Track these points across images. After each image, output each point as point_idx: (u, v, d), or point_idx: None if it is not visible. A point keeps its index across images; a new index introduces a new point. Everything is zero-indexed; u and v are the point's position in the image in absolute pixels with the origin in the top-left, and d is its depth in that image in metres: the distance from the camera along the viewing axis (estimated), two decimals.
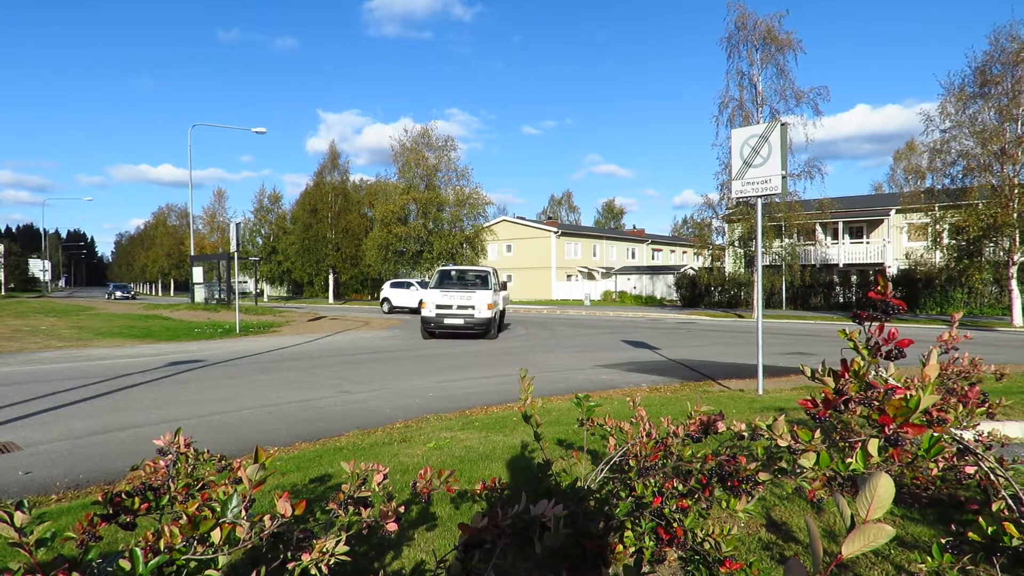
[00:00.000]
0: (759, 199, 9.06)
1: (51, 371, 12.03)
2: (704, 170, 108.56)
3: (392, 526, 1.78)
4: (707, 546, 2.10)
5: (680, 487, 2.22)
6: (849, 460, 1.74)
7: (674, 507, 2.20)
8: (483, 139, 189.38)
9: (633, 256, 65.61)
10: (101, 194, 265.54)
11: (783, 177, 8.60)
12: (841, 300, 36.03)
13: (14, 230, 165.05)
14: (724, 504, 2.14)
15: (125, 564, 1.26)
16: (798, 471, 1.97)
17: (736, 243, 32.32)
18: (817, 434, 1.90)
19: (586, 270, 57.53)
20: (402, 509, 1.85)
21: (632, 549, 2.16)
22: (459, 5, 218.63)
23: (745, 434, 2.38)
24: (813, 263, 38.47)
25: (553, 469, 2.65)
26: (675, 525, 2.16)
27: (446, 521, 3.69)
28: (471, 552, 1.51)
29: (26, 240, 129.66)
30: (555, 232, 56.33)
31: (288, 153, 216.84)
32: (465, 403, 8.61)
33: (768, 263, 32.56)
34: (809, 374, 1.96)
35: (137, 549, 1.27)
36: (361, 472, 1.89)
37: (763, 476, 2.03)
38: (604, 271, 57.22)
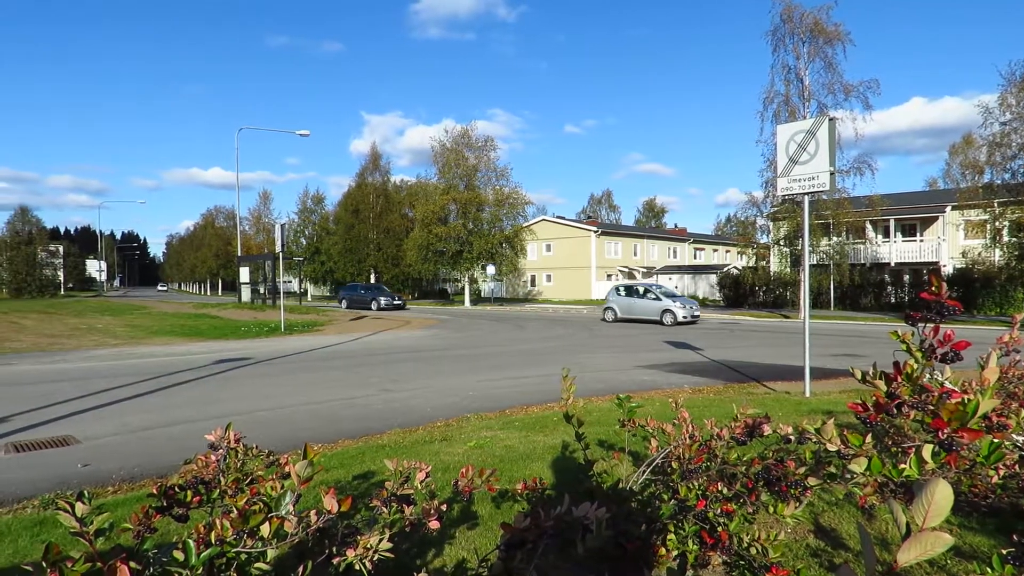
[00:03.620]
0: (806, 196, 8.84)
1: (107, 368, 12.51)
2: (748, 168, 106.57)
3: (435, 524, 1.80)
4: (753, 551, 2.06)
5: (725, 490, 2.18)
6: (902, 466, 1.69)
7: (718, 511, 2.16)
8: (525, 139, 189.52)
9: (675, 255, 64.75)
10: (154, 197, 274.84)
11: (831, 174, 8.37)
12: (892, 300, 34.84)
13: (72, 232, 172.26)
14: (771, 509, 2.09)
15: (179, 555, 1.30)
16: (848, 476, 1.91)
17: (782, 242, 31.58)
18: (868, 438, 1.84)
19: (627, 269, 57.02)
20: (444, 507, 1.86)
21: (675, 552, 2.13)
22: (503, 6, 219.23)
23: (792, 437, 2.32)
24: (863, 262, 37.31)
25: (594, 470, 2.63)
26: (719, 529, 2.13)
27: (487, 520, 3.71)
28: (513, 552, 1.52)
29: (84, 242, 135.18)
30: (595, 231, 55.98)
31: (332, 155, 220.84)
32: (505, 403, 8.63)
33: (815, 262, 31.73)
34: (860, 376, 1.90)
35: (190, 541, 1.31)
36: (404, 470, 1.91)
37: (812, 481, 1.98)
38: (645, 270, 56.62)
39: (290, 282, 60.34)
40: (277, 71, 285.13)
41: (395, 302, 37.40)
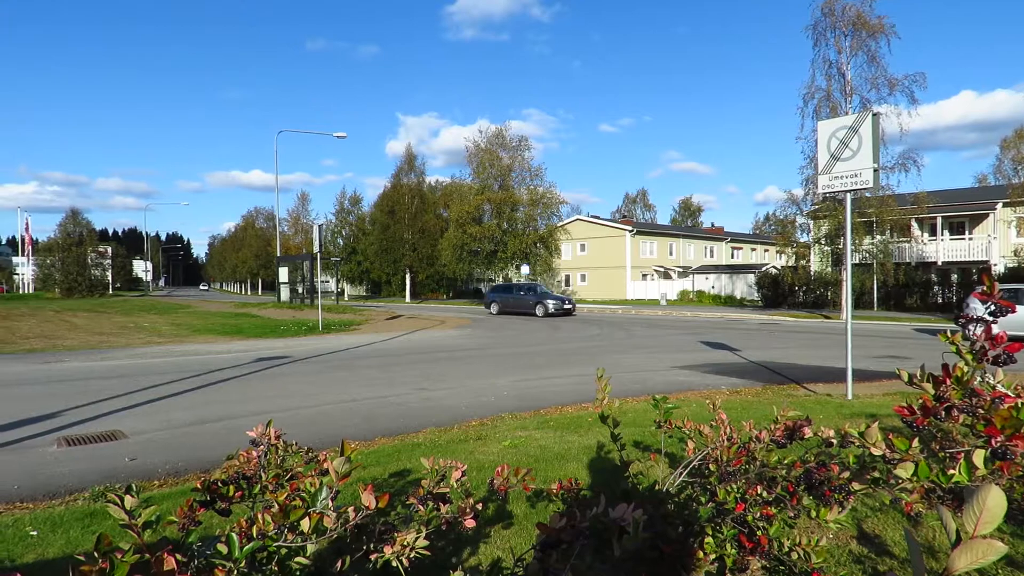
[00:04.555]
0: (848, 194, 8.62)
1: (152, 365, 12.89)
2: (788, 165, 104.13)
3: (470, 523, 1.80)
4: (794, 556, 2.02)
5: (764, 494, 2.14)
6: (951, 472, 1.63)
7: (758, 514, 2.12)
8: (560, 138, 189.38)
9: (711, 255, 63.84)
10: (197, 199, 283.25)
11: (875, 171, 8.15)
12: (940, 301, 33.72)
13: (120, 233, 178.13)
14: (813, 514, 2.05)
15: (222, 548, 1.33)
16: (893, 482, 1.86)
17: (822, 240, 30.85)
18: (915, 443, 1.79)
19: (662, 269, 56.43)
20: (479, 506, 1.87)
21: (712, 556, 2.10)
22: (537, 6, 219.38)
23: (834, 441, 2.26)
24: (908, 261, 36.20)
25: (630, 471, 2.61)
26: (759, 533, 2.09)
27: (522, 520, 3.71)
28: (549, 552, 1.51)
29: (130, 243, 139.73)
30: (630, 231, 55.54)
31: (369, 156, 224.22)
32: (539, 402, 8.62)
33: (858, 261, 30.92)
34: (906, 379, 1.85)
35: (234, 534, 1.34)
36: (440, 468, 1.92)
37: (856, 486, 1.92)
38: (681, 270, 55.95)
39: (327, 282, 61.31)
40: (316, 74, 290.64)
41: (565, 305, 30.41)
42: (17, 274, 76.29)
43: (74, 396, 9.15)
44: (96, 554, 1.13)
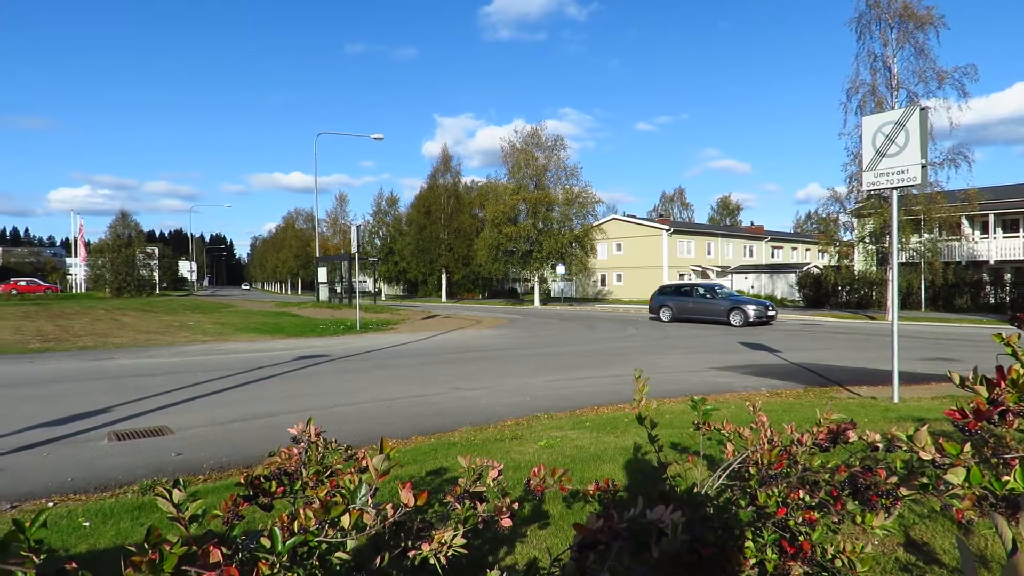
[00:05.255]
0: (895, 191, 8.38)
1: (197, 363, 13.25)
2: (830, 162, 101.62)
3: (507, 522, 1.81)
4: (838, 563, 1.97)
5: (807, 498, 2.09)
6: (1006, 478, 1.57)
7: (800, 519, 2.08)
8: (596, 137, 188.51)
9: (751, 254, 62.70)
10: (240, 200, 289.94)
11: (923, 167, 7.90)
12: (992, 301, 32.49)
13: (167, 235, 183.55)
14: (858, 520, 1.99)
15: (265, 542, 1.36)
16: (943, 488, 1.80)
17: (867, 239, 29.99)
18: (966, 448, 1.73)
19: (700, 269, 55.65)
20: (516, 506, 1.87)
21: (753, 561, 2.06)
22: (574, 4, 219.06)
23: (880, 445, 2.20)
24: (958, 260, 34.96)
25: (668, 473, 2.58)
26: (801, 538, 2.04)
27: (558, 520, 3.70)
28: (586, 552, 1.51)
29: (176, 244, 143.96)
30: (667, 230, 54.92)
31: (406, 157, 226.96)
32: (575, 403, 8.59)
33: (904, 260, 30.00)
34: (958, 381, 1.79)
35: (277, 529, 1.37)
36: (476, 467, 1.93)
37: (903, 491, 1.87)
38: (719, 270, 55.10)
39: (365, 282, 62.16)
40: (354, 77, 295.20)
41: (769, 312, 23.40)
42: (70, 274, 79.26)
43: (123, 392, 9.46)
44: (146, 545, 1.17)
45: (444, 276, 58.05)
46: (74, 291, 69.91)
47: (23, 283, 65.96)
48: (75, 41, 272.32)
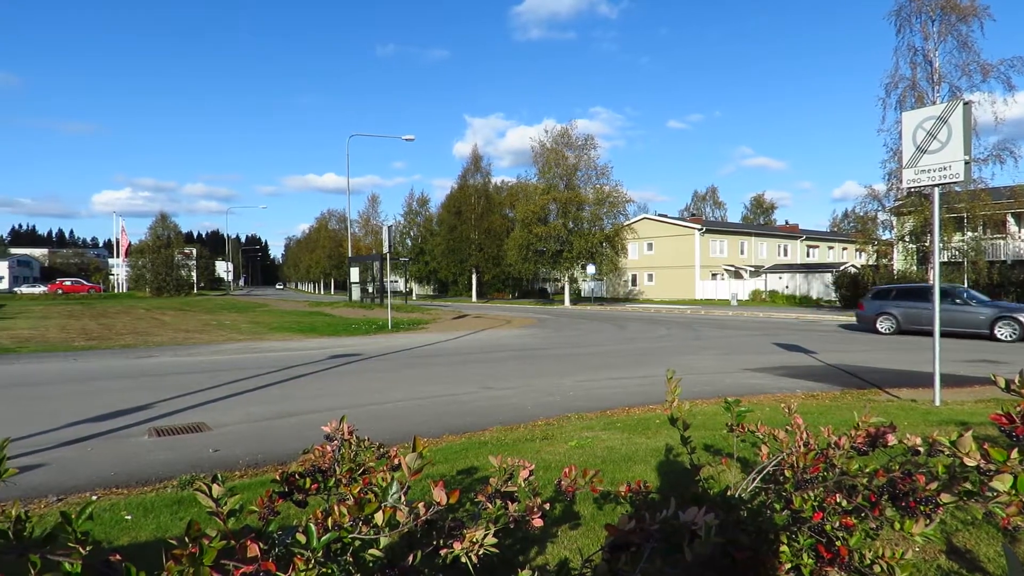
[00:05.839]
0: (936, 188, 8.15)
1: (233, 361, 13.52)
2: (868, 159, 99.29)
3: (538, 522, 1.81)
4: (876, 569, 1.92)
5: (844, 503, 2.05)
6: None
7: (837, 524, 2.03)
8: (627, 136, 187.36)
9: (785, 253, 61.61)
10: (274, 202, 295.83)
11: (966, 163, 7.66)
12: None
13: (204, 236, 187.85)
14: (897, 526, 1.94)
15: (301, 538, 1.39)
16: (988, 495, 1.75)
17: (907, 237, 29.28)
18: (1014, 454, 1.67)
19: (732, 269, 54.87)
20: (547, 506, 1.87)
21: (788, 566, 2.02)
22: (604, 3, 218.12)
23: (921, 449, 2.14)
24: (1003, 259, 33.82)
25: (701, 475, 2.55)
26: (838, 544, 2.00)
27: (589, 521, 3.69)
28: (617, 554, 1.50)
29: (213, 245, 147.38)
30: (699, 229, 54.28)
31: (436, 158, 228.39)
32: (606, 403, 8.55)
33: (946, 259, 29.16)
34: (1003, 385, 1.73)
35: (312, 525, 1.39)
36: (507, 467, 1.93)
37: (945, 498, 1.82)
38: (752, 269, 54.24)
39: (396, 281, 62.75)
40: (386, 79, 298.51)
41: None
42: (112, 274, 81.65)
43: (163, 389, 9.71)
44: (187, 539, 1.20)
45: (474, 276, 58.27)
46: (116, 291, 71.96)
47: (68, 283, 68.22)
48: (116, 48, 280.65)
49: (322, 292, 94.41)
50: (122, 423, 7.48)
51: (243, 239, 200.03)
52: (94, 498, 4.82)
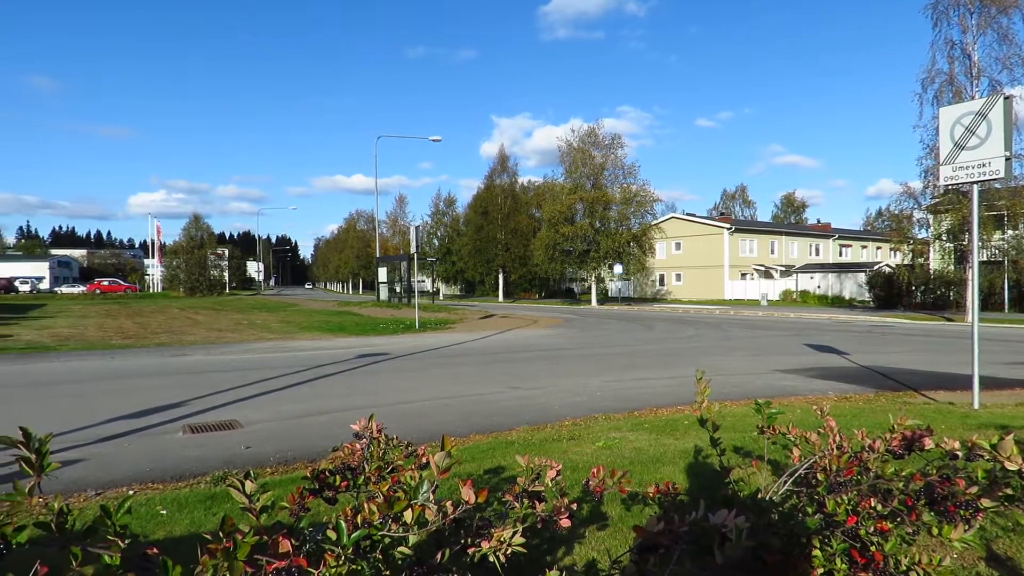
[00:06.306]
0: (975, 186, 7.93)
1: (264, 360, 13.74)
2: (903, 156, 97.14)
3: (565, 522, 1.81)
4: None
5: (879, 507, 2.01)
6: None
7: (871, 529, 1.99)
8: (654, 135, 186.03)
9: (817, 253, 60.51)
10: (304, 203, 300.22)
11: (1007, 159, 7.45)
12: None
13: (235, 236, 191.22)
14: (934, 531, 1.90)
15: (331, 534, 1.41)
16: None
17: (944, 236, 28.49)
18: None
19: (762, 268, 54.07)
20: (574, 506, 1.87)
21: (821, 570, 1.99)
22: (632, 1, 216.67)
23: (959, 453, 2.09)
24: None
25: (730, 477, 2.52)
26: (872, 549, 1.96)
27: (617, 522, 3.67)
28: (646, 555, 1.49)
29: (244, 245, 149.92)
30: (728, 228, 53.62)
31: (463, 158, 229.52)
32: (633, 404, 8.49)
33: (986, 258, 28.36)
34: None
35: (342, 522, 1.41)
36: (535, 467, 1.93)
37: (985, 503, 1.77)
38: (783, 269, 53.40)
39: (423, 281, 63.13)
40: (414, 80, 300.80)
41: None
42: (148, 275, 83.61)
43: (196, 387, 9.90)
44: (221, 534, 1.22)
45: (501, 276, 58.34)
46: (151, 290, 73.65)
47: (105, 283, 69.99)
48: (150, 53, 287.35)
49: (350, 292, 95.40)
50: (157, 420, 7.66)
51: (273, 240, 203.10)
52: (131, 493, 4.95)
